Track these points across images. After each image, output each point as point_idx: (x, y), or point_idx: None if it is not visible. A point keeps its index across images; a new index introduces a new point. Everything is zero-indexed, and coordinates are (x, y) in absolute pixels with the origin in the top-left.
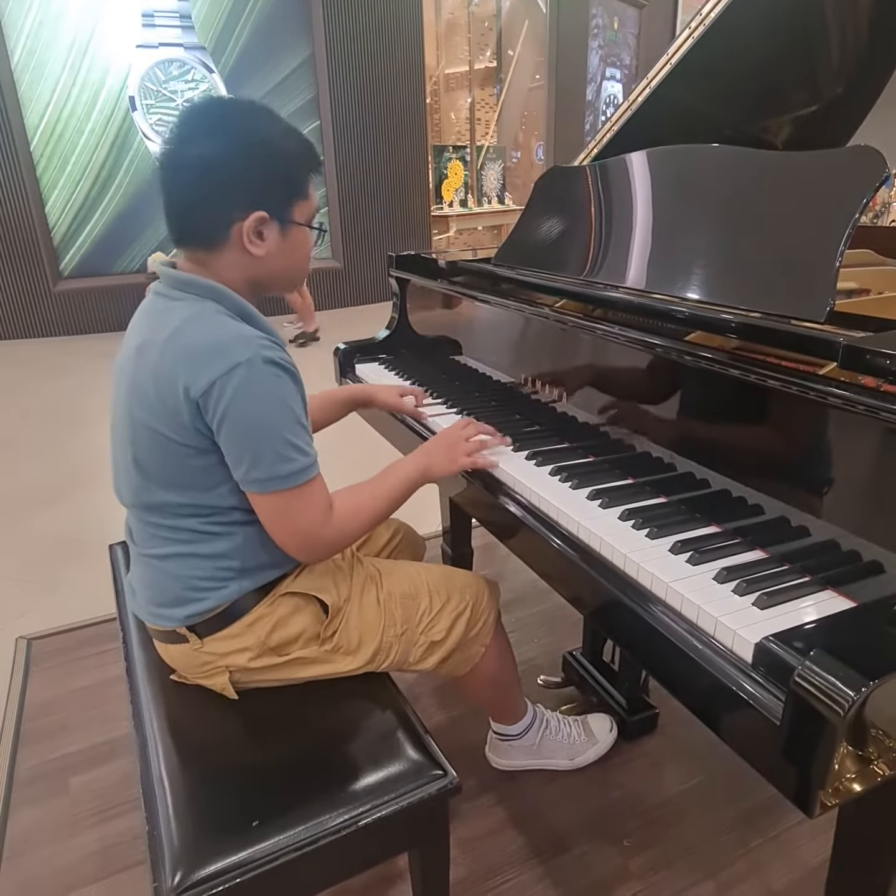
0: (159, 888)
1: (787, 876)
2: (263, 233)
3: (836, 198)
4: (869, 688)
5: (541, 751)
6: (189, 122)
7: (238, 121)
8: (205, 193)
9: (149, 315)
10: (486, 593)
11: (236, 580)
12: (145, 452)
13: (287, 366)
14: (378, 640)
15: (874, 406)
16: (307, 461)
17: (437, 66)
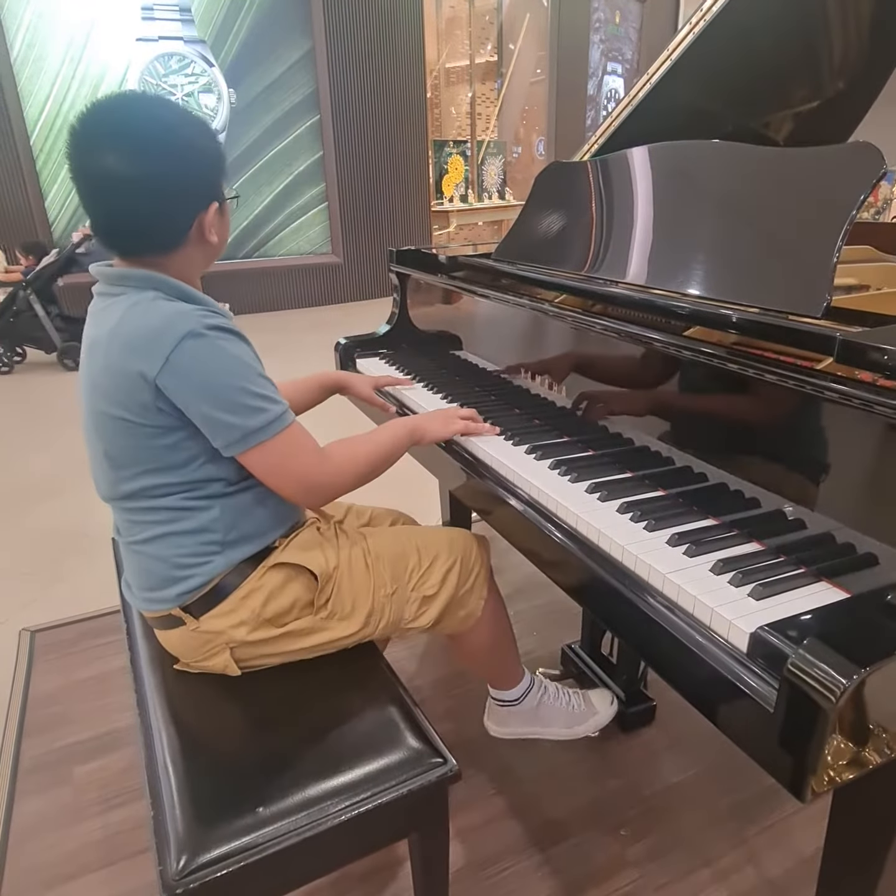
0: (164, 872)
1: (782, 864)
2: (212, 219)
3: (834, 194)
4: (860, 675)
5: (539, 717)
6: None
7: (161, 123)
8: (158, 206)
9: (94, 315)
10: (474, 546)
11: (221, 553)
12: (113, 443)
13: (231, 328)
14: (370, 602)
15: (870, 400)
16: (279, 409)
17: (438, 60)
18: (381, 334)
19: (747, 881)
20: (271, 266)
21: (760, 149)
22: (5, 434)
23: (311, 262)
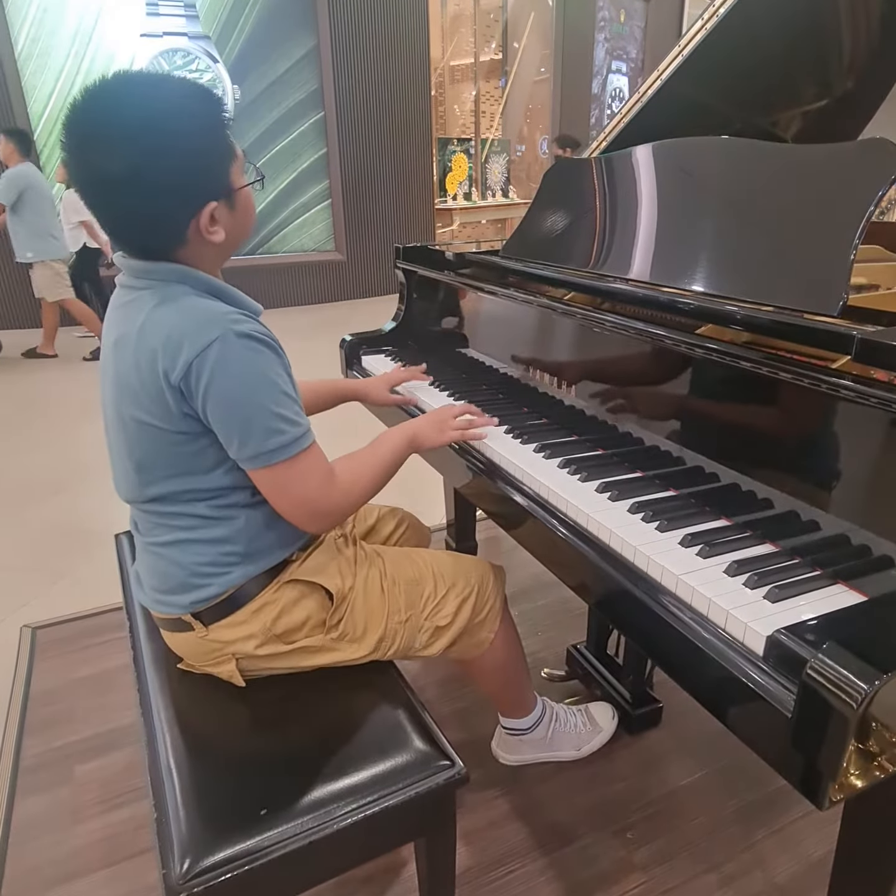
0: (168, 875)
1: (790, 869)
2: (215, 216)
3: (850, 190)
4: (882, 681)
5: (550, 744)
6: (95, 131)
7: (150, 113)
8: (151, 204)
9: (119, 309)
10: (491, 577)
11: (240, 565)
12: (138, 446)
13: (262, 337)
14: (383, 627)
15: (887, 399)
16: (298, 431)
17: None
18: (387, 331)
19: (755, 886)
20: (275, 263)
21: (774, 145)
22: (7, 430)
23: (314, 259)
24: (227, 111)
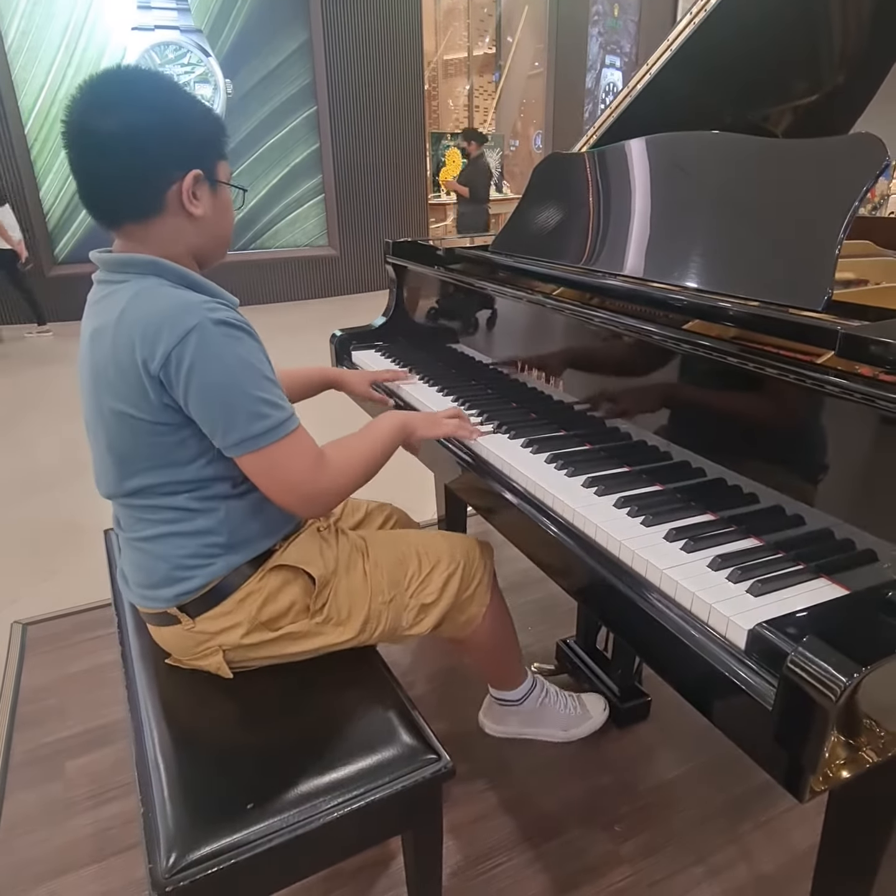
0: (154, 869)
1: (775, 861)
2: (197, 193)
3: (835, 185)
4: (861, 674)
5: (538, 719)
6: (103, 94)
7: (157, 87)
8: (136, 161)
9: (94, 304)
10: (478, 553)
11: (223, 556)
12: (118, 438)
13: (240, 324)
14: (367, 608)
15: (871, 395)
16: (283, 415)
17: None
18: (377, 327)
19: (741, 877)
20: (267, 258)
21: (761, 140)
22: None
23: (307, 255)
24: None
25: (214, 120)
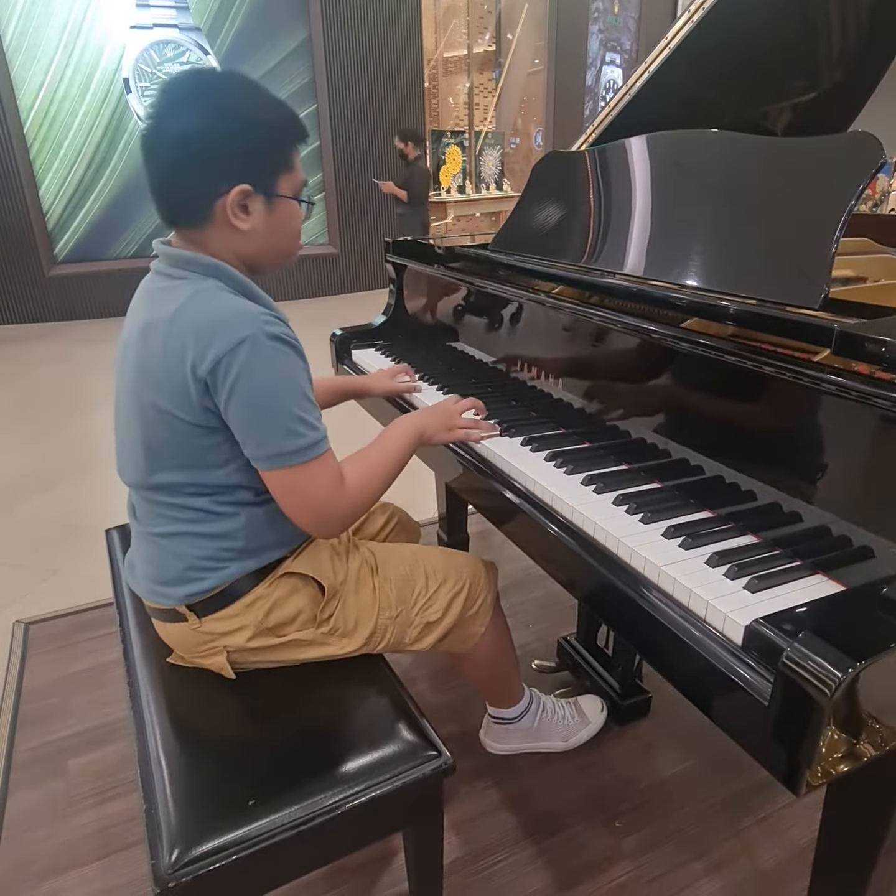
0: (157, 865)
1: (775, 856)
2: (248, 207)
3: (832, 184)
4: (856, 668)
5: (537, 733)
6: (167, 96)
7: (217, 92)
8: (186, 168)
9: (150, 295)
10: (483, 574)
11: (238, 561)
12: (153, 433)
13: (291, 341)
14: (373, 622)
15: (868, 392)
16: (316, 436)
17: (436, 49)
18: (377, 325)
19: (741, 873)
20: None
21: (758, 138)
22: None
23: (307, 253)
24: (303, 136)
25: (284, 129)
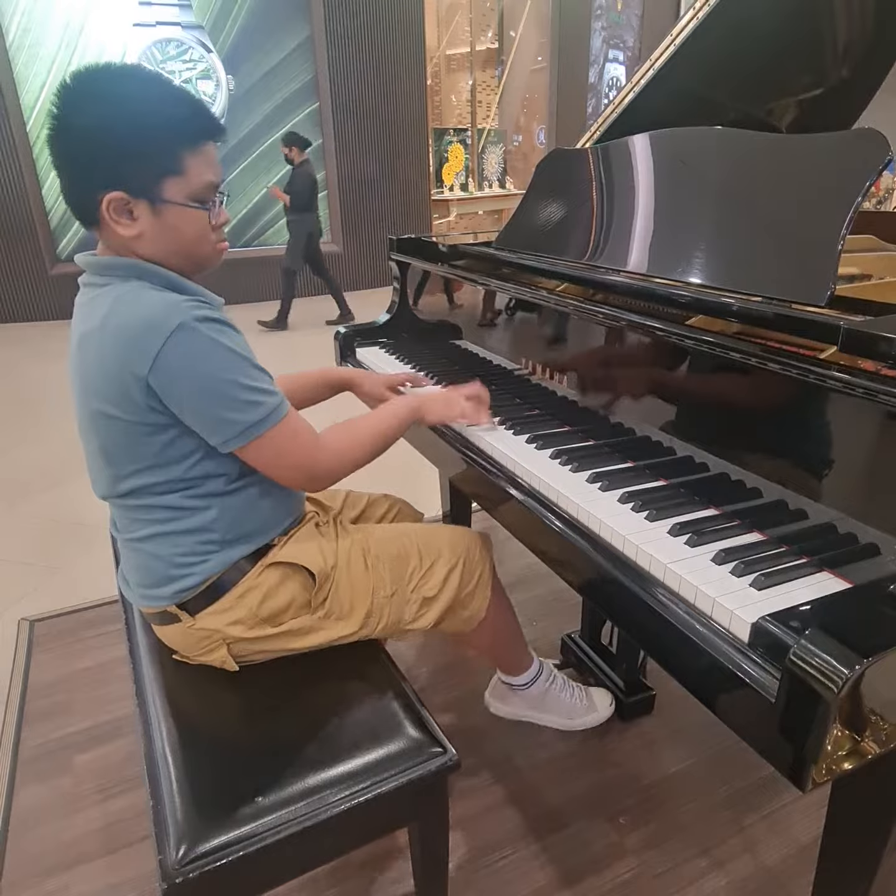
0: (164, 861)
1: (779, 852)
2: (133, 212)
3: (838, 181)
4: (863, 665)
5: (543, 704)
6: (65, 92)
7: (111, 92)
8: (69, 170)
9: (81, 307)
10: (478, 546)
11: (218, 553)
12: (108, 440)
13: (222, 318)
14: (369, 602)
15: (874, 389)
16: (275, 400)
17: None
18: (381, 323)
19: (745, 869)
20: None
21: (764, 135)
22: (2, 424)
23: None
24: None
25: (170, 131)
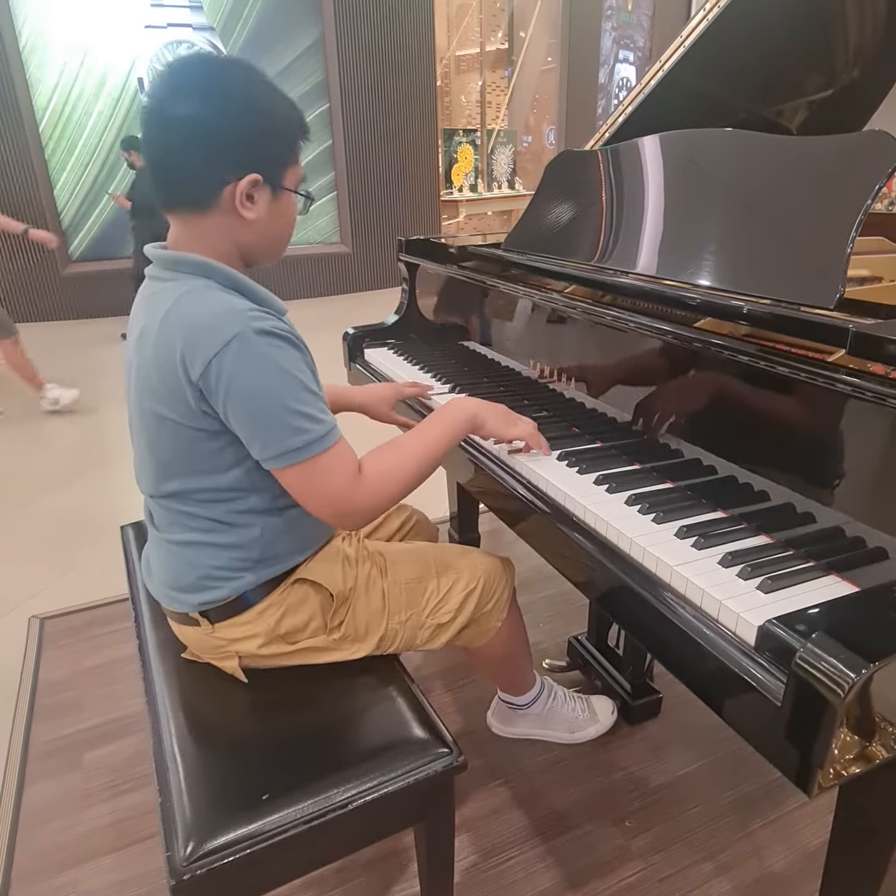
0: (172, 857)
1: (786, 858)
2: (255, 196)
3: (848, 183)
4: (869, 670)
5: (545, 721)
6: (180, 78)
7: (234, 80)
8: (198, 153)
9: (145, 300)
10: (499, 570)
11: (252, 570)
12: (158, 440)
13: (284, 334)
14: (384, 628)
15: (883, 393)
16: (322, 429)
17: (448, 47)
18: (390, 324)
19: (751, 874)
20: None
21: (773, 137)
22: (14, 421)
23: (319, 252)
24: (308, 131)
25: (293, 123)
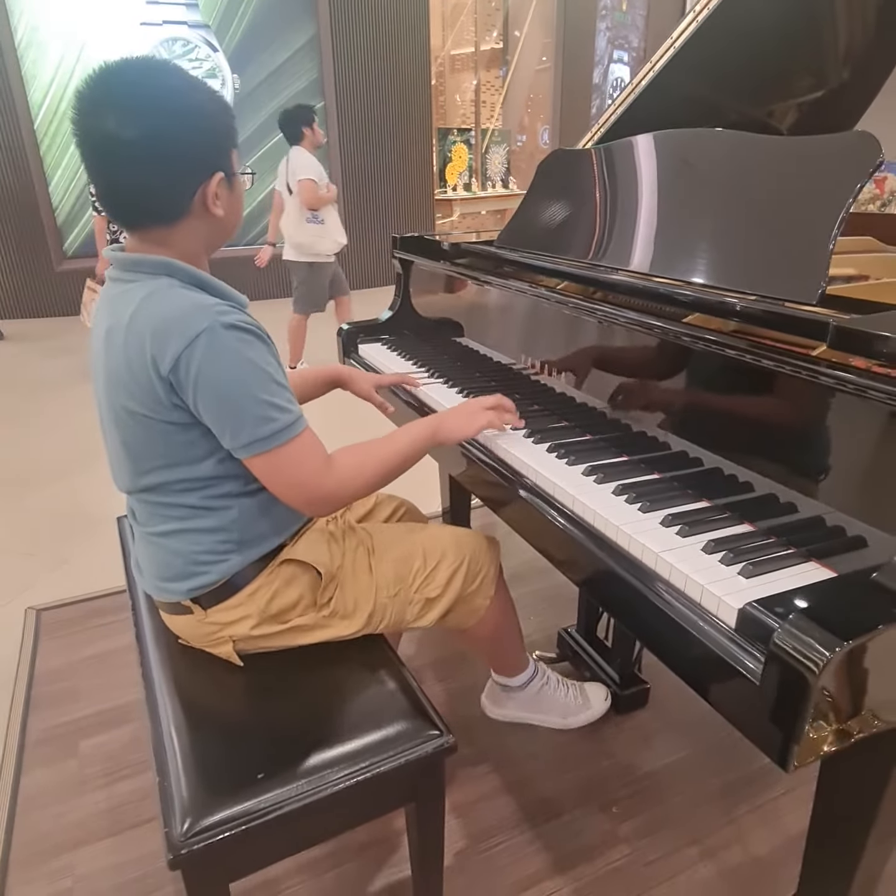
0: (170, 834)
1: (769, 843)
2: (218, 193)
3: (831, 182)
4: (843, 647)
5: (537, 705)
6: (113, 95)
7: (173, 88)
8: (163, 170)
9: (109, 301)
10: (484, 548)
11: (237, 552)
12: (131, 436)
13: (250, 327)
14: (372, 602)
15: (864, 386)
16: (289, 418)
17: (443, 46)
18: (384, 321)
19: (734, 858)
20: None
21: (760, 137)
22: (9, 417)
23: None
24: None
25: (225, 110)
